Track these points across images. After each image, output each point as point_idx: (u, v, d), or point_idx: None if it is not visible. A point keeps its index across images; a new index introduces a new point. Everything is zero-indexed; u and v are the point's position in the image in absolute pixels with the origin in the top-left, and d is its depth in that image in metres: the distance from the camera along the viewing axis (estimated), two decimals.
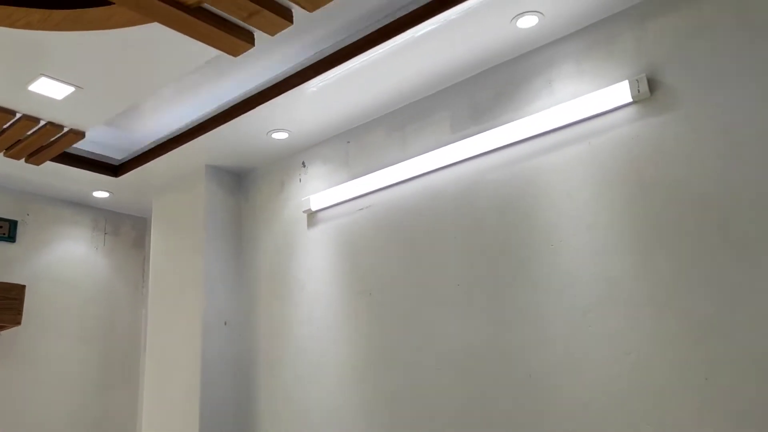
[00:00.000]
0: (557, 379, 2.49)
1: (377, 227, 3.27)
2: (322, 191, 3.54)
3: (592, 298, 2.45)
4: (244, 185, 4.07)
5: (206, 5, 2.33)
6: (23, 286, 3.84)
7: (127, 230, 4.69)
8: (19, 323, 3.81)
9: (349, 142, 3.53)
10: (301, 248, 3.62)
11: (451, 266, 2.91)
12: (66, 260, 4.34)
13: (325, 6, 2.44)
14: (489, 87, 2.97)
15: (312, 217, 3.60)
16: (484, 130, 2.91)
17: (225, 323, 3.75)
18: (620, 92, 2.50)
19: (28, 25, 2.43)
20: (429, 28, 2.62)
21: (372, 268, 3.23)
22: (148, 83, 2.91)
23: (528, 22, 2.64)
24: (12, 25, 2.39)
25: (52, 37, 2.52)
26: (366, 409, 3.08)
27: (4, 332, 3.93)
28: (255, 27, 2.45)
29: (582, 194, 2.57)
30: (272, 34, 2.50)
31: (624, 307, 2.37)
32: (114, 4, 2.26)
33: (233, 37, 2.49)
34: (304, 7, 2.39)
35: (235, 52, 2.59)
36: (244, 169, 4.03)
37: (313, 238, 3.57)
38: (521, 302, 2.65)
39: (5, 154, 3.49)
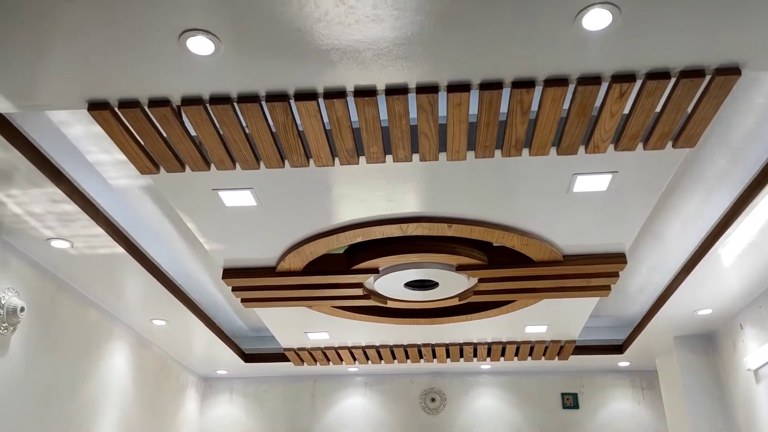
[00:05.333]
0: None
1: None
2: (752, 352, 4.10)
3: None
4: (710, 346, 4.84)
5: (560, 287, 3.76)
6: None
7: (658, 383, 5.87)
8: None
9: (760, 306, 4.05)
10: (751, 402, 4.18)
11: None
12: (617, 416, 5.84)
13: None
14: None
15: (755, 374, 4.15)
16: None
17: None
18: None
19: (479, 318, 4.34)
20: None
21: None
22: (580, 316, 4.39)
23: None
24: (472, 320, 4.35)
25: (507, 315, 4.35)
26: None
27: None
28: (595, 284, 3.71)
29: None
30: (613, 283, 3.68)
31: None
32: (515, 300, 3.98)
33: (594, 291, 3.81)
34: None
35: (603, 295, 3.87)
36: (701, 335, 4.85)
37: (760, 392, 4.09)
38: None
39: (559, 359, 5.42)
